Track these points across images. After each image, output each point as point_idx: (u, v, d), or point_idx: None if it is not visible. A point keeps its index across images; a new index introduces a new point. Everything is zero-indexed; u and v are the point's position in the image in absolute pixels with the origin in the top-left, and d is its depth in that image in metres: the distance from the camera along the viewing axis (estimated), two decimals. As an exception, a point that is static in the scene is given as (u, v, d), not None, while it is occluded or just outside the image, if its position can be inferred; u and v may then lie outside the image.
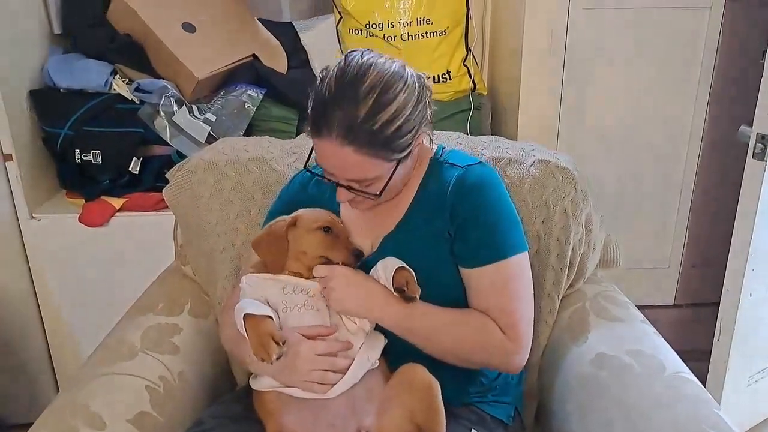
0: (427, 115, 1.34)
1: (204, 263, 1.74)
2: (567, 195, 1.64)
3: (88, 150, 2.27)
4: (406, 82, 1.28)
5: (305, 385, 1.27)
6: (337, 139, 1.24)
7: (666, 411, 1.30)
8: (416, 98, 1.29)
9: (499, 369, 1.42)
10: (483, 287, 1.36)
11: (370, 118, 1.23)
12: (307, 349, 1.27)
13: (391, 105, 1.24)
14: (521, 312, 1.37)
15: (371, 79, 1.25)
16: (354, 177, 1.31)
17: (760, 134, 1.94)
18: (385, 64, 1.28)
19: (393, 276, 1.31)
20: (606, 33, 2.41)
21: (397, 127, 1.25)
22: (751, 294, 2.13)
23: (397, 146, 1.28)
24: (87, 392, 1.37)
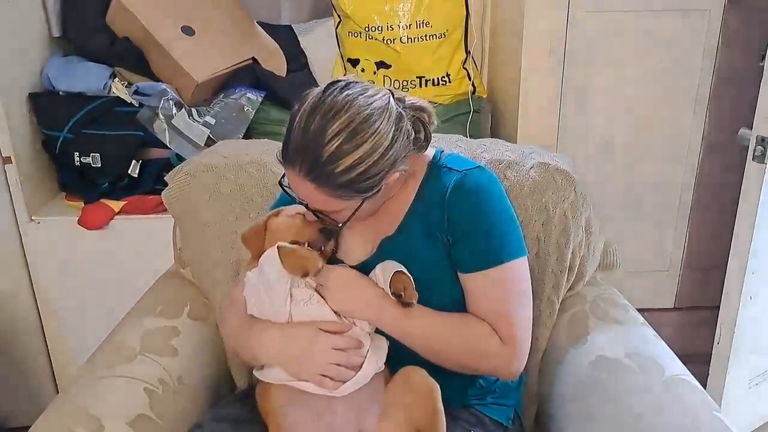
0: (402, 154, 1.30)
1: (203, 266, 1.74)
2: (567, 198, 1.64)
3: (88, 153, 2.27)
4: (380, 126, 1.24)
5: (318, 378, 1.26)
6: (300, 173, 1.24)
7: (666, 414, 1.30)
8: (390, 142, 1.26)
9: (496, 375, 1.41)
10: (480, 292, 1.36)
11: (332, 161, 1.21)
12: (325, 342, 1.28)
13: (356, 150, 1.22)
14: (519, 318, 1.36)
15: (341, 121, 1.22)
16: (318, 208, 1.31)
17: (759, 137, 1.94)
18: (362, 103, 1.24)
19: (391, 280, 1.31)
20: (606, 36, 2.40)
21: (361, 172, 1.23)
22: (752, 297, 2.13)
23: (359, 188, 1.26)
24: (85, 395, 1.37)
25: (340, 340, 1.29)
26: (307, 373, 1.27)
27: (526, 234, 1.61)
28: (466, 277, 1.36)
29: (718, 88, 2.49)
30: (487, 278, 1.34)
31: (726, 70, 2.46)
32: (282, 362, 1.30)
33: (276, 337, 1.30)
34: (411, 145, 1.34)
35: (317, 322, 1.30)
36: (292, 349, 1.28)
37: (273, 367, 1.31)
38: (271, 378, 1.31)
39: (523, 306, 1.38)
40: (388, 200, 1.42)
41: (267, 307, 1.32)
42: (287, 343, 1.29)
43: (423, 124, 1.37)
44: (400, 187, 1.42)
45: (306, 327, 1.30)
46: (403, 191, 1.42)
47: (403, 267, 1.33)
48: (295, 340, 1.29)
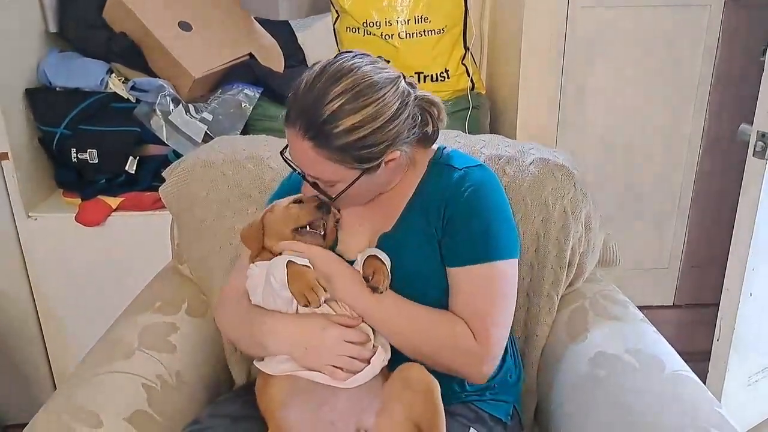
0: (407, 130, 1.31)
1: (201, 262, 1.74)
2: (566, 194, 1.64)
3: (85, 149, 2.28)
4: (386, 95, 1.25)
5: (329, 369, 1.26)
6: (299, 131, 1.25)
7: (666, 410, 1.30)
8: (393, 114, 1.26)
9: (465, 376, 1.38)
10: (463, 288, 1.35)
11: (331, 121, 1.21)
12: (337, 334, 1.28)
13: (358, 113, 1.22)
14: (496, 319, 1.35)
15: (346, 83, 1.23)
16: (313, 174, 1.30)
17: (760, 132, 1.93)
18: (370, 71, 1.26)
19: (363, 263, 1.31)
20: (605, 32, 2.42)
21: (361, 137, 1.23)
22: (752, 293, 2.13)
23: (358, 156, 1.26)
24: (83, 391, 1.37)
25: (351, 333, 1.29)
26: (318, 363, 1.27)
27: (525, 230, 1.63)
28: (452, 272, 1.35)
29: (718, 85, 2.51)
30: (472, 274, 1.34)
31: (726, 66, 2.48)
32: (293, 352, 1.29)
33: (289, 327, 1.30)
34: (416, 131, 1.34)
35: (328, 315, 1.31)
36: (305, 339, 1.28)
37: (276, 358, 1.31)
38: (274, 369, 1.31)
39: (503, 308, 1.36)
40: (387, 195, 1.42)
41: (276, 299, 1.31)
42: (300, 333, 1.29)
43: (432, 119, 1.39)
44: (399, 181, 1.42)
45: (318, 318, 1.30)
46: (402, 186, 1.42)
47: (382, 254, 1.34)
48: (307, 330, 1.29)
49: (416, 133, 1.35)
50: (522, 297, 1.68)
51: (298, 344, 1.28)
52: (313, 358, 1.28)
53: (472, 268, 1.33)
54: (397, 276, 1.34)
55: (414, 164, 1.43)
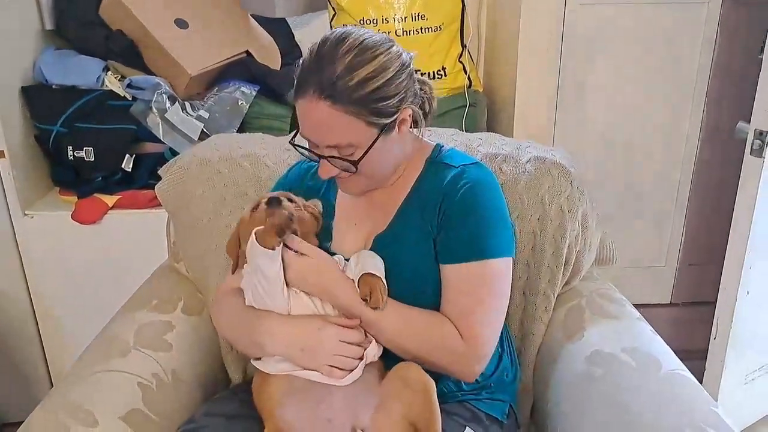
0: (414, 90, 1.35)
1: (197, 260, 1.74)
2: (563, 192, 1.64)
3: (81, 147, 2.28)
4: (389, 50, 1.29)
5: (327, 369, 1.26)
6: (314, 95, 1.25)
7: (663, 409, 1.29)
8: (399, 66, 1.29)
9: (455, 375, 1.38)
10: (453, 285, 1.35)
11: (346, 74, 1.23)
12: (333, 334, 1.28)
13: (369, 64, 1.25)
14: (486, 318, 1.35)
15: (350, 41, 1.26)
16: (331, 141, 1.29)
17: (757, 130, 1.94)
18: (368, 34, 1.30)
19: (359, 282, 1.31)
20: (603, 28, 2.43)
21: (376, 88, 1.25)
22: (749, 291, 2.14)
23: (375, 109, 1.27)
24: (79, 389, 1.36)
25: (348, 333, 1.29)
26: (315, 363, 1.27)
27: (521, 228, 1.63)
28: (445, 269, 1.35)
29: (716, 82, 2.52)
30: (464, 271, 1.34)
31: (724, 63, 2.49)
32: (290, 352, 1.29)
33: (285, 328, 1.30)
34: (417, 100, 1.36)
35: (325, 316, 1.31)
36: (302, 340, 1.28)
37: (273, 358, 1.31)
38: (272, 368, 1.31)
39: (493, 307, 1.36)
40: (384, 194, 1.43)
41: (267, 300, 1.31)
42: (296, 334, 1.29)
43: (427, 99, 1.42)
44: (396, 180, 1.43)
45: (315, 319, 1.30)
46: (399, 185, 1.43)
47: (379, 265, 1.34)
48: (304, 330, 1.29)
49: (418, 102, 1.38)
50: (518, 295, 1.69)
51: (295, 345, 1.29)
52: (309, 358, 1.28)
53: (465, 266, 1.33)
54: (391, 275, 1.34)
55: (411, 162, 1.43)
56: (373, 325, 1.32)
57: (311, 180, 1.54)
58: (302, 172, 1.58)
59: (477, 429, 1.39)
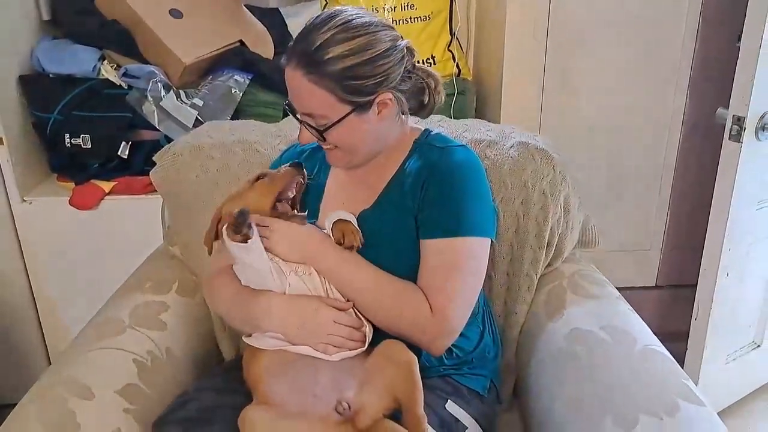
0: (398, 77, 1.37)
1: (191, 243, 1.78)
2: (546, 176, 1.68)
3: (78, 134, 2.30)
4: (377, 33, 1.32)
5: (321, 346, 1.32)
6: (294, 61, 1.31)
7: (637, 384, 1.33)
8: (383, 51, 1.32)
9: (421, 345, 1.39)
10: (430, 260, 1.37)
11: (322, 48, 1.28)
12: (329, 315, 1.33)
13: (347, 42, 1.29)
14: (456, 294, 1.37)
15: (338, 19, 1.31)
16: (305, 108, 1.35)
17: (735, 116, 1.98)
18: (363, 14, 1.34)
19: (332, 228, 1.37)
20: (587, 17, 2.45)
21: (350, 65, 1.29)
22: (728, 273, 2.18)
23: (347, 86, 1.31)
24: (76, 365, 1.40)
25: (342, 316, 1.34)
26: (310, 340, 1.32)
27: (505, 211, 1.67)
28: (423, 243, 1.38)
29: (698, 70, 2.54)
30: (440, 247, 1.37)
31: (706, 52, 2.51)
32: (286, 330, 1.34)
33: (282, 307, 1.34)
34: (406, 87, 1.40)
35: (321, 297, 1.36)
36: (298, 319, 1.33)
37: (266, 334, 1.35)
38: (263, 344, 1.35)
39: (466, 285, 1.38)
40: (371, 172, 1.47)
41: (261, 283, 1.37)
42: (293, 313, 1.34)
43: (429, 89, 1.45)
44: (384, 160, 1.46)
45: (311, 299, 1.35)
46: (386, 164, 1.47)
47: (348, 216, 1.40)
48: (300, 310, 1.34)
49: (410, 94, 1.42)
50: (502, 276, 1.73)
51: (291, 323, 1.33)
52: (305, 335, 1.32)
53: (442, 241, 1.37)
54: (373, 250, 1.38)
55: (399, 144, 1.47)
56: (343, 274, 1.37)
57: (304, 161, 1.58)
58: (296, 154, 1.62)
59: (458, 402, 1.43)
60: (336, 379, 1.31)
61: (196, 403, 1.35)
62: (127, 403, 1.36)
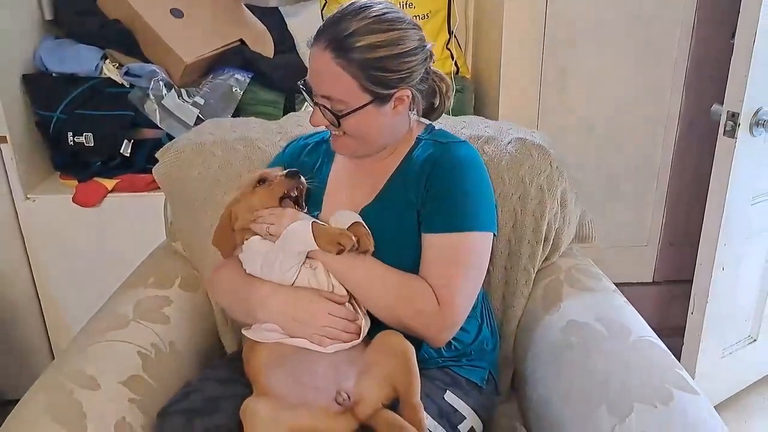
0: (420, 77, 1.40)
1: (193, 239, 1.80)
2: (543, 172, 1.70)
3: (81, 133, 2.31)
4: (408, 30, 1.36)
5: (316, 338, 1.34)
6: (323, 43, 1.33)
7: (631, 374, 1.36)
8: (412, 49, 1.36)
9: (424, 338, 1.42)
10: (433, 254, 1.40)
11: (356, 35, 1.31)
12: (324, 307, 1.36)
13: (381, 33, 1.32)
14: (461, 288, 1.40)
15: (373, 9, 1.34)
16: (325, 91, 1.37)
17: (730, 112, 2.00)
18: (397, 10, 1.37)
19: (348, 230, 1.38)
20: (584, 16, 2.47)
21: (379, 57, 1.32)
22: (723, 268, 2.20)
23: (372, 76, 1.33)
24: (81, 357, 1.42)
25: (338, 308, 1.37)
26: (306, 332, 1.35)
27: (503, 206, 1.70)
28: (426, 238, 1.41)
29: (693, 68, 2.56)
30: (444, 241, 1.40)
31: (702, 49, 2.53)
32: (283, 321, 1.37)
33: (280, 298, 1.38)
34: (423, 87, 1.43)
35: (318, 290, 1.39)
36: (293, 311, 1.36)
37: (263, 326, 1.39)
38: (261, 337, 1.38)
39: (469, 278, 1.42)
40: (374, 166, 1.50)
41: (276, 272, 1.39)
42: (289, 305, 1.37)
43: (440, 93, 1.49)
44: (388, 155, 1.49)
45: (308, 292, 1.38)
46: (389, 158, 1.50)
47: (358, 217, 1.41)
48: (296, 302, 1.37)
49: (424, 95, 1.45)
50: (500, 270, 1.75)
51: (287, 314, 1.36)
52: (301, 327, 1.35)
53: (445, 236, 1.39)
54: (375, 243, 1.40)
55: (403, 140, 1.50)
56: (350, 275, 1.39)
57: (307, 156, 1.62)
58: (298, 149, 1.65)
59: (457, 393, 1.46)
60: (334, 370, 1.34)
61: (199, 394, 1.38)
62: (132, 393, 1.38)
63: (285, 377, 1.33)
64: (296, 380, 1.33)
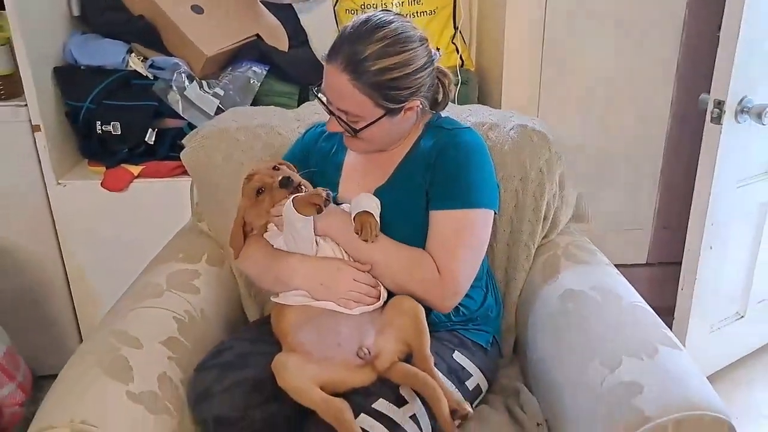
0: (428, 86, 1.51)
1: (218, 219, 1.90)
2: (542, 156, 1.80)
3: (108, 122, 2.39)
4: (417, 48, 1.45)
5: (342, 301, 1.47)
6: (340, 66, 1.43)
7: (621, 332, 1.48)
8: (421, 66, 1.46)
9: (430, 304, 1.52)
10: (438, 228, 1.52)
11: (371, 59, 1.41)
12: (348, 273, 1.49)
13: (394, 56, 1.42)
14: (462, 259, 1.51)
15: (388, 30, 1.43)
16: (343, 107, 1.48)
17: (716, 100, 2.08)
18: (407, 28, 1.46)
19: (354, 218, 1.50)
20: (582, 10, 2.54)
21: (393, 78, 1.42)
22: (712, 246, 2.27)
23: (386, 95, 1.44)
24: (123, 321, 1.54)
25: (361, 275, 1.50)
26: (332, 296, 1.48)
27: (505, 188, 1.81)
28: (433, 214, 1.53)
29: (685, 58, 2.64)
30: (448, 217, 1.52)
31: (692, 41, 2.61)
32: (312, 286, 1.50)
33: (308, 267, 1.51)
34: (429, 92, 1.54)
35: (343, 259, 1.52)
36: (322, 277, 1.49)
37: (291, 292, 1.52)
38: (290, 301, 1.52)
39: (469, 251, 1.53)
40: (387, 153, 1.61)
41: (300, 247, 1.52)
42: (318, 272, 1.50)
43: (443, 87, 1.60)
44: (400, 143, 1.61)
45: (334, 261, 1.51)
46: (401, 146, 1.61)
47: (372, 205, 1.52)
48: (324, 269, 1.50)
49: (429, 96, 1.55)
50: (503, 247, 1.87)
51: (315, 280, 1.49)
52: (328, 292, 1.49)
53: (450, 212, 1.51)
54: (388, 221, 1.53)
55: (412, 128, 1.61)
56: (363, 251, 1.51)
57: (324, 141, 1.74)
58: (317, 135, 1.77)
59: (464, 353, 1.59)
60: (356, 329, 1.47)
61: (232, 351, 1.51)
62: (171, 352, 1.50)
63: (311, 336, 1.46)
64: (321, 338, 1.46)
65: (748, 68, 2.08)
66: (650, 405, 1.28)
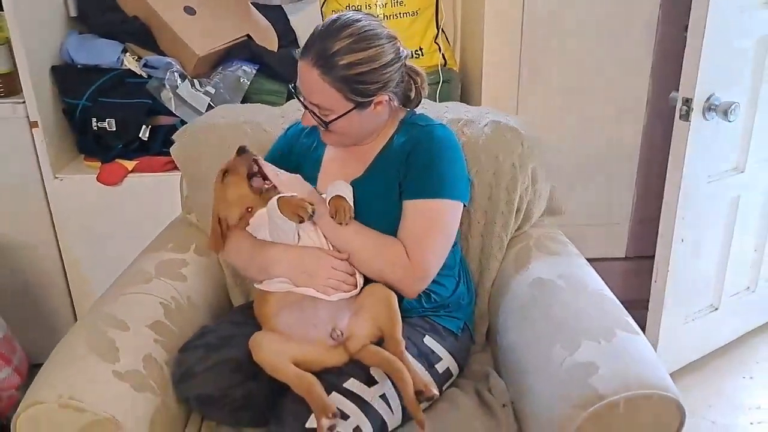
0: (396, 82, 1.58)
1: (206, 212, 1.89)
2: (515, 150, 1.87)
3: (104, 119, 2.44)
4: (384, 45, 1.52)
5: (321, 288, 1.54)
6: (311, 61, 1.50)
7: (584, 318, 1.55)
8: (389, 62, 1.53)
9: (400, 290, 1.59)
10: (409, 217, 1.59)
11: (340, 54, 1.48)
12: (327, 262, 1.56)
13: (361, 52, 1.49)
14: (430, 247, 1.57)
15: (354, 28, 1.50)
16: (315, 101, 1.55)
17: (684, 98, 2.14)
18: (374, 26, 1.53)
19: (328, 202, 1.57)
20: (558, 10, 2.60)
21: (360, 72, 1.50)
22: (683, 240, 2.33)
23: (354, 88, 1.51)
24: (112, 306, 1.61)
25: (339, 263, 1.57)
26: (312, 283, 1.55)
27: (479, 181, 1.87)
28: (405, 204, 1.60)
29: (659, 57, 2.70)
30: (419, 207, 1.59)
31: (666, 41, 2.67)
32: (293, 274, 1.57)
33: (290, 256, 1.58)
34: (401, 88, 1.61)
35: (322, 249, 1.59)
36: (303, 265, 1.56)
37: (274, 279, 1.59)
38: (272, 287, 1.59)
39: (439, 240, 1.59)
40: (363, 147, 1.68)
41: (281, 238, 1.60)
42: (299, 261, 1.57)
43: (415, 85, 1.67)
44: (375, 138, 1.68)
45: (315, 250, 1.58)
46: (376, 141, 1.68)
47: (346, 191, 1.59)
48: (305, 259, 1.57)
49: (401, 91, 1.62)
50: (477, 238, 1.93)
51: (297, 269, 1.57)
52: (307, 279, 1.56)
53: (420, 201, 1.58)
54: (363, 212, 1.59)
55: (387, 124, 1.69)
56: (339, 236, 1.58)
57: (306, 137, 1.81)
58: (299, 131, 1.84)
59: (435, 338, 1.66)
60: (331, 314, 1.55)
61: (215, 333, 1.59)
62: (156, 335, 1.57)
63: (290, 319, 1.55)
64: (299, 321, 1.54)
65: (715, 67, 2.13)
66: (604, 384, 1.35)
